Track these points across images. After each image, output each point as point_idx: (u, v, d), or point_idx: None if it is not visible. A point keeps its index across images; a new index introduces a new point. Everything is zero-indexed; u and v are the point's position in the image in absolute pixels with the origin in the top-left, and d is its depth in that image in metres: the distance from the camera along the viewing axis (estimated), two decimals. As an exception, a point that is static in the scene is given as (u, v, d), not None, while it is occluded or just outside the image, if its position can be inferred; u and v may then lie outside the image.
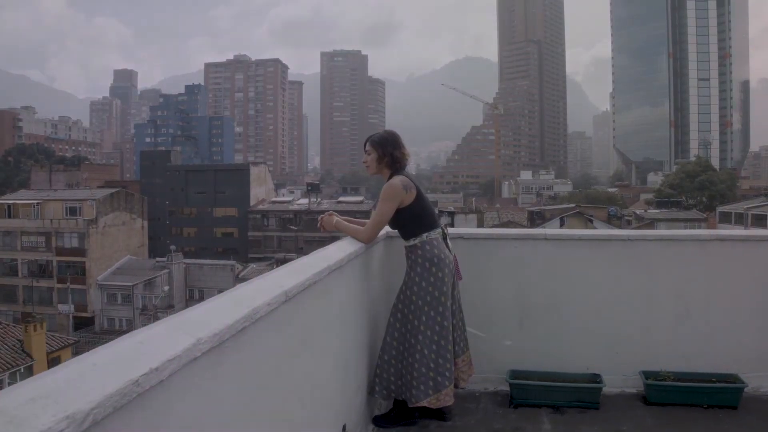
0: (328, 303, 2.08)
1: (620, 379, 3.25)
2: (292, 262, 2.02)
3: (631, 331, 3.31)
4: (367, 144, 2.84)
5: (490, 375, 3.26)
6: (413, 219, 2.73)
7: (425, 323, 2.64)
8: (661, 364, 3.19)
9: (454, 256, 2.83)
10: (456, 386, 2.77)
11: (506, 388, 3.18)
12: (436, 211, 3.06)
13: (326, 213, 2.98)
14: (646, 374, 3.17)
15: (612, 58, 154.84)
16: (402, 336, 2.77)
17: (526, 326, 3.33)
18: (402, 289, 2.80)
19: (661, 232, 3.32)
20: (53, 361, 25.48)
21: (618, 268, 3.31)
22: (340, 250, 2.32)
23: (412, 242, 2.74)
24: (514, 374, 3.18)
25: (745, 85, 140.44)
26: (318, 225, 2.98)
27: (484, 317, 3.28)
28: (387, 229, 2.95)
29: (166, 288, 34.35)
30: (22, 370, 23.37)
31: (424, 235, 2.71)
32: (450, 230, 3.01)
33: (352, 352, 2.52)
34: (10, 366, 22.61)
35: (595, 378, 3.15)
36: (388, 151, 2.77)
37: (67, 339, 28.17)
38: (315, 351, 1.93)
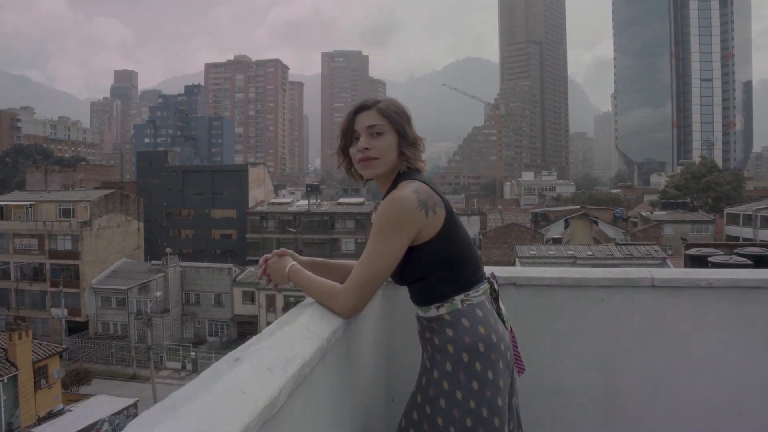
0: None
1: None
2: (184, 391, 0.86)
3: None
4: (368, 112, 1.51)
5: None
6: (439, 267, 1.37)
7: None
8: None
9: (511, 330, 1.49)
10: None
11: None
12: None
13: (275, 252, 1.53)
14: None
15: (614, 58, 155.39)
16: None
17: (615, 423, 2.07)
18: (414, 399, 1.45)
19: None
20: (40, 371, 24.39)
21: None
22: (280, 349, 1.05)
23: (435, 313, 1.39)
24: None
25: (748, 86, 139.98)
26: (259, 275, 1.54)
27: (548, 406, 2.05)
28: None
29: (159, 293, 33.29)
30: (6, 381, 22.29)
31: (459, 298, 1.37)
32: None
33: None
34: (-7, 377, 21.53)
35: None
36: (411, 136, 1.46)
37: (55, 347, 27.15)
38: None
